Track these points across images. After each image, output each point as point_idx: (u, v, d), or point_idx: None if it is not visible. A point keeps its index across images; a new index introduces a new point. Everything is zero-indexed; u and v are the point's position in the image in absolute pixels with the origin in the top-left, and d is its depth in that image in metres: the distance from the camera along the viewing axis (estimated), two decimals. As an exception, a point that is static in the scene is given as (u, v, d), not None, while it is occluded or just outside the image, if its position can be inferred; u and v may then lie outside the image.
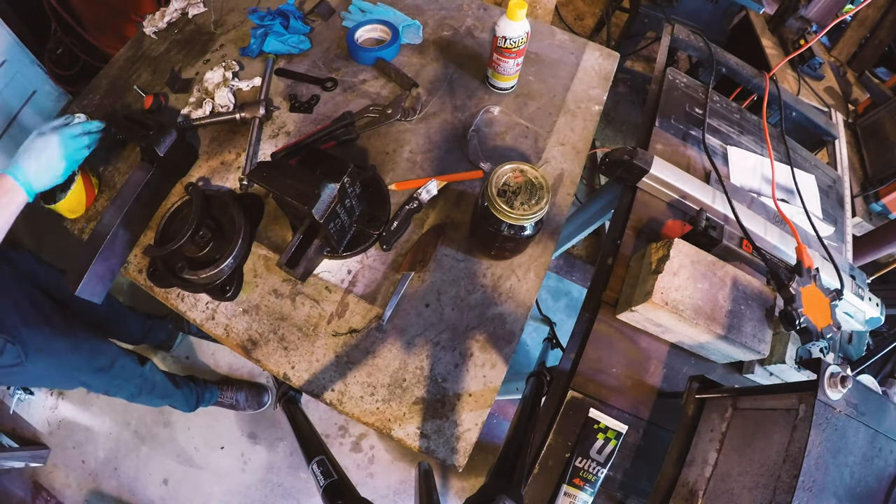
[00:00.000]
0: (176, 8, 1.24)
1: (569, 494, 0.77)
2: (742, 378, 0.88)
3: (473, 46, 1.20)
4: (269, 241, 0.95)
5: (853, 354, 0.93)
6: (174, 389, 1.48)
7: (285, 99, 1.10)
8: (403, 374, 0.84)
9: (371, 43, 1.20)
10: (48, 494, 1.63)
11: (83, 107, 1.11)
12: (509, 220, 0.77)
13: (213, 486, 1.68)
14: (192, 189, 0.91)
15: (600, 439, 0.79)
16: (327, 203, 0.76)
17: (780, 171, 1.11)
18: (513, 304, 0.89)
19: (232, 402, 1.71)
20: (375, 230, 0.91)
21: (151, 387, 1.38)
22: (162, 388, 1.43)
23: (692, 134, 1.14)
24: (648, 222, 0.98)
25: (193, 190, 0.90)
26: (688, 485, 0.71)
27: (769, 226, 0.96)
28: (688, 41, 1.35)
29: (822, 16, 1.74)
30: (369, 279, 0.91)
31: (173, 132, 0.93)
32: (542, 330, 1.94)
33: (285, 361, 0.85)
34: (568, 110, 1.11)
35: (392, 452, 1.75)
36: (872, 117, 1.48)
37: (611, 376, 0.85)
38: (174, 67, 1.15)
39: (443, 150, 1.04)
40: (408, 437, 0.80)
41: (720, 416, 0.72)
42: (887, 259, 1.39)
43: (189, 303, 0.90)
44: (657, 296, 0.76)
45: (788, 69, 1.62)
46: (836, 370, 0.58)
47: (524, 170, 0.79)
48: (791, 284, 0.78)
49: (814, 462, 0.55)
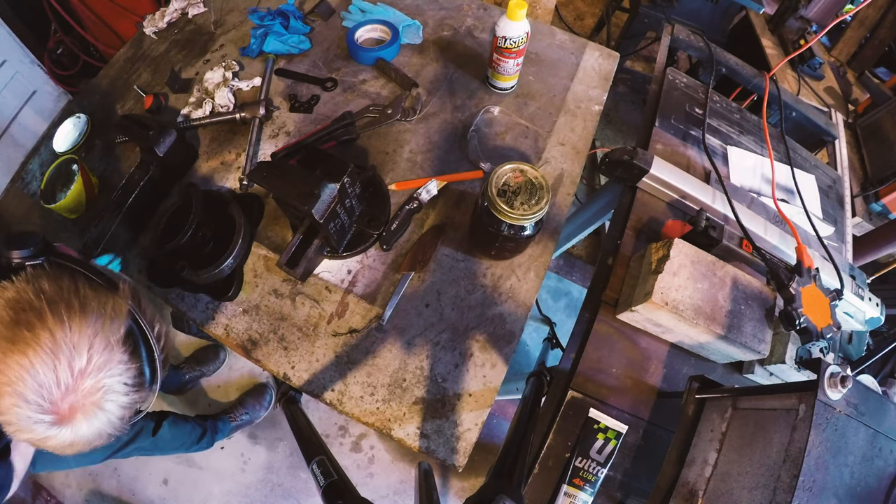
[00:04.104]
0: (176, 8, 1.24)
1: (569, 494, 0.77)
2: (742, 378, 0.88)
3: (473, 46, 1.20)
4: (269, 241, 0.95)
5: (853, 354, 0.93)
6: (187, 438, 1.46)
7: (285, 99, 1.10)
8: (403, 374, 0.84)
9: (371, 43, 1.20)
10: (48, 494, 1.63)
11: (83, 107, 1.11)
12: (509, 220, 0.77)
13: (213, 486, 1.68)
14: (192, 189, 0.91)
15: (600, 439, 0.79)
16: (327, 203, 0.76)
17: (780, 171, 1.11)
18: (513, 304, 0.89)
19: (243, 419, 1.69)
20: (375, 230, 0.91)
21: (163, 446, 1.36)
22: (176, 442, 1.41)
23: (692, 134, 1.14)
24: (648, 222, 0.98)
25: (193, 190, 0.90)
26: (688, 485, 0.71)
27: (769, 226, 0.96)
28: (688, 41, 1.35)
29: (822, 16, 1.73)
30: (369, 279, 0.91)
31: (173, 132, 0.93)
32: (542, 330, 1.94)
33: (285, 361, 0.85)
34: (568, 110, 1.11)
35: (392, 452, 1.75)
36: (872, 117, 1.47)
37: (611, 376, 0.85)
38: (174, 67, 1.15)
39: (443, 150, 1.04)
40: (408, 437, 0.80)
41: (720, 416, 0.72)
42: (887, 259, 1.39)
43: (189, 303, 0.90)
44: (657, 296, 0.76)
45: (788, 69, 1.62)
46: (836, 370, 0.58)
47: (524, 170, 0.79)
48: (791, 284, 0.78)
49: (814, 462, 0.55)
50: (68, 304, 0.52)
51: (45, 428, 0.50)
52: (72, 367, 0.49)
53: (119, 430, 0.56)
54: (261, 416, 1.73)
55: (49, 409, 0.49)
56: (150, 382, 0.58)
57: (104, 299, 0.55)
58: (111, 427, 0.54)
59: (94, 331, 0.51)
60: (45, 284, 0.53)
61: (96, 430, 0.53)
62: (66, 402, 0.50)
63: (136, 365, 0.55)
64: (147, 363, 0.58)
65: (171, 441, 1.38)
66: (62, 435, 0.51)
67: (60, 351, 0.49)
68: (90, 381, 0.50)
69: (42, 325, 0.49)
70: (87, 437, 0.53)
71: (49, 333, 0.49)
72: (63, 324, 0.50)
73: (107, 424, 0.53)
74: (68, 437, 0.51)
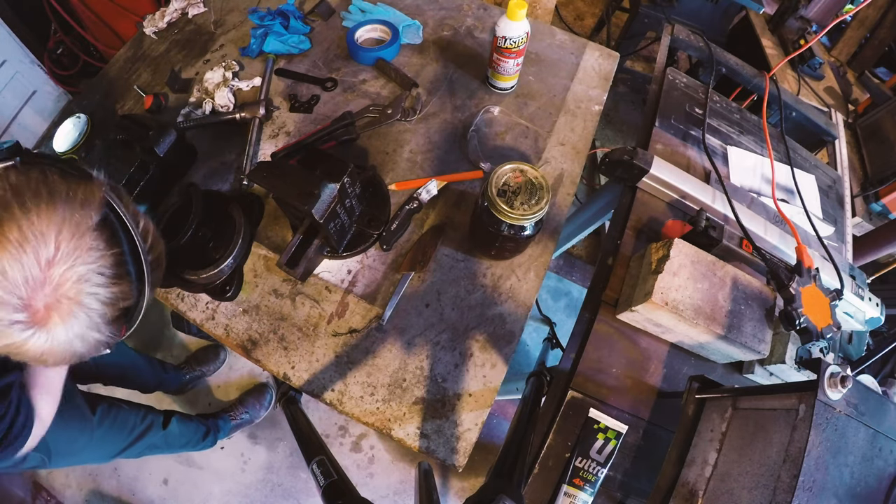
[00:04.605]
0: (176, 8, 1.24)
1: (569, 494, 0.77)
2: (742, 378, 0.88)
3: (473, 46, 1.20)
4: (269, 241, 0.95)
5: (853, 354, 0.93)
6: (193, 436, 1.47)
7: (285, 99, 1.10)
8: (403, 374, 0.84)
9: (371, 43, 1.20)
10: (48, 494, 1.63)
11: (83, 107, 1.11)
12: (509, 220, 0.77)
13: (213, 486, 1.68)
14: (192, 189, 0.91)
15: (600, 439, 0.79)
16: (327, 203, 0.76)
17: (780, 171, 1.11)
18: (513, 304, 0.89)
19: (243, 418, 1.69)
20: (375, 230, 0.91)
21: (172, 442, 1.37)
22: (183, 439, 1.42)
23: (692, 134, 1.14)
24: (648, 222, 0.98)
25: (193, 190, 0.90)
26: (688, 485, 0.71)
27: (769, 226, 0.96)
28: (688, 41, 1.35)
29: (822, 16, 1.73)
30: (369, 279, 0.91)
31: (173, 132, 0.93)
32: (542, 330, 1.94)
33: (285, 361, 0.85)
34: (568, 110, 1.11)
35: (392, 452, 1.75)
36: (872, 117, 1.47)
37: (611, 376, 0.85)
38: (174, 67, 1.15)
39: (443, 150, 1.04)
40: (408, 437, 0.80)
41: (720, 416, 0.72)
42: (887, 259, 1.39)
43: (189, 303, 0.90)
44: (657, 296, 0.76)
45: (788, 69, 1.62)
46: (836, 370, 0.58)
47: (524, 170, 0.79)
48: (791, 284, 0.78)
49: (814, 462, 0.55)
50: (35, 192, 0.47)
51: (20, 330, 0.46)
52: (38, 257, 0.45)
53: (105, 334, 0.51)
54: (261, 415, 1.73)
55: (21, 307, 0.45)
56: (135, 278, 0.53)
57: (74, 186, 0.50)
58: (95, 328, 0.50)
59: (62, 217, 0.47)
60: (12, 177, 0.48)
61: (76, 332, 0.49)
62: (38, 299, 0.45)
63: (113, 252, 0.50)
64: (130, 257, 0.52)
65: (180, 437, 1.39)
66: (38, 338, 0.47)
67: (27, 242, 0.45)
68: (59, 270, 0.46)
69: (8, 216, 0.45)
70: (69, 339, 0.48)
71: (15, 225, 0.44)
72: (29, 212, 0.45)
73: (88, 324, 0.49)
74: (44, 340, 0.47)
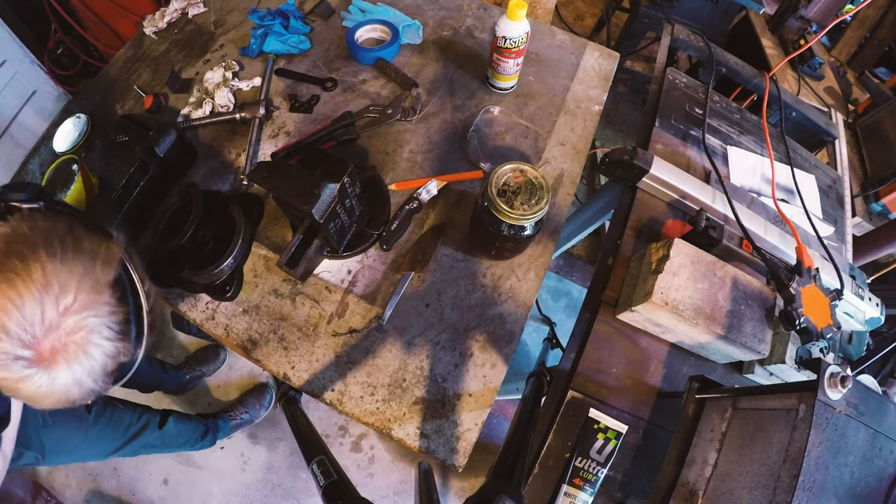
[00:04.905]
0: (176, 8, 1.24)
1: (569, 494, 0.77)
2: (742, 378, 0.88)
3: (473, 46, 1.20)
4: (269, 241, 0.95)
5: (853, 354, 0.93)
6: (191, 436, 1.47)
7: (285, 99, 1.10)
8: (403, 374, 0.84)
9: (371, 43, 1.20)
10: (48, 494, 1.63)
11: (83, 107, 1.11)
12: (509, 220, 0.77)
13: (213, 486, 1.68)
14: (192, 189, 0.91)
15: (600, 439, 0.79)
16: (327, 203, 0.76)
17: (780, 171, 1.11)
18: (513, 304, 0.89)
19: (243, 418, 1.69)
20: (375, 230, 0.91)
21: (169, 441, 1.37)
22: (181, 438, 1.42)
23: (692, 134, 1.14)
24: (648, 222, 0.98)
25: (193, 190, 0.90)
26: (688, 485, 0.71)
27: (769, 226, 0.96)
28: (688, 41, 1.35)
29: (822, 16, 1.73)
30: (369, 279, 0.91)
31: (173, 132, 0.93)
32: (542, 330, 1.94)
33: (285, 361, 0.85)
34: (568, 110, 1.11)
35: (392, 452, 1.75)
36: (872, 117, 1.47)
37: (611, 376, 0.85)
38: (174, 67, 1.15)
39: (443, 150, 1.04)
40: (408, 437, 0.80)
41: (720, 416, 0.72)
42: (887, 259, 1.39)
43: (189, 303, 0.90)
44: (657, 296, 0.76)
45: (788, 69, 1.62)
46: (836, 370, 0.58)
47: (524, 170, 0.79)
48: (791, 284, 0.78)
49: (814, 462, 0.55)
50: (62, 239, 0.50)
51: (22, 366, 0.47)
52: (58, 303, 0.47)
53: (100, 384, 0.53)
54: (261, 415, 1.73)
55: (30, 345, 0.47)
56: (135, 338, 0.55)
57: (99, 242, 0.53)
58: (92, 378, 0.51)
59: (84, 269, 0.49)
60: (40, 221, 0.51)
61: (76, 378, 0.50)
62: (48, 341, 0.47)
63: (122, 310, 0.53)
64: (134, 316, 0.55)
65: (177, 437, 1.38)
66: (39, 378, 0.48)
67: (49, 286, 0.47)
68: (73, 319, 0.48)
69: (34, 257, 0.47)
70: (67, 385, 0.50)
71: (40, 267, 0.47)
72: (55, 258, 0.48)
73: (87, 373, 0.51)
74: (45, 382, 0.48)
